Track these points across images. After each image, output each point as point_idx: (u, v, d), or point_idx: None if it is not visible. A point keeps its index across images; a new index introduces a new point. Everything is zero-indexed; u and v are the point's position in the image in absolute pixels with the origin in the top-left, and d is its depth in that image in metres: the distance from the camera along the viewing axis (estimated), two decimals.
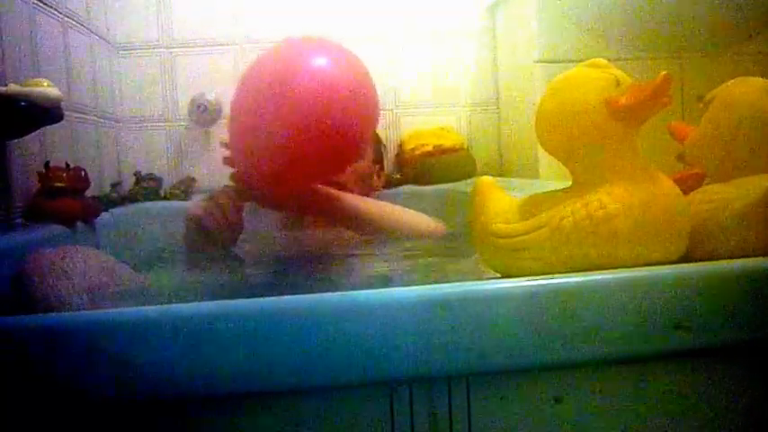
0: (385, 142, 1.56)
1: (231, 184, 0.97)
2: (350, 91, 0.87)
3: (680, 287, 0.47)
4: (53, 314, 0.53)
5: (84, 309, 0.58)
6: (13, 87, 0.78)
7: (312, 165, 0.88)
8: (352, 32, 1.56)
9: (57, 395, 0.43)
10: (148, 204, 1.41)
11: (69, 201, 0.91)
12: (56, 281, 0.59)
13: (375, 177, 1.40)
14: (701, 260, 0.51)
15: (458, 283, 0.46)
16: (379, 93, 0.92)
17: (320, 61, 0.89)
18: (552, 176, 1.26)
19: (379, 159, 1.42)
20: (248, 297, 0.45)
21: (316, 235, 1.12)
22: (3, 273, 0.63)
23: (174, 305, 0.45)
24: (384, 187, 1.50)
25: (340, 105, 0.85)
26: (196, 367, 0.43)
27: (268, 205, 1.02)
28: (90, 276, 0.61)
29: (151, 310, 0.45)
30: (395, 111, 1.68)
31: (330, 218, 1.05)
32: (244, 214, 0.99)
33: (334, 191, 1.04)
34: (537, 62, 1.34)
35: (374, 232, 1.02)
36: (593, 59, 0.55)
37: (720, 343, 0.48)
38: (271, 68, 0.90)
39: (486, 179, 0.59)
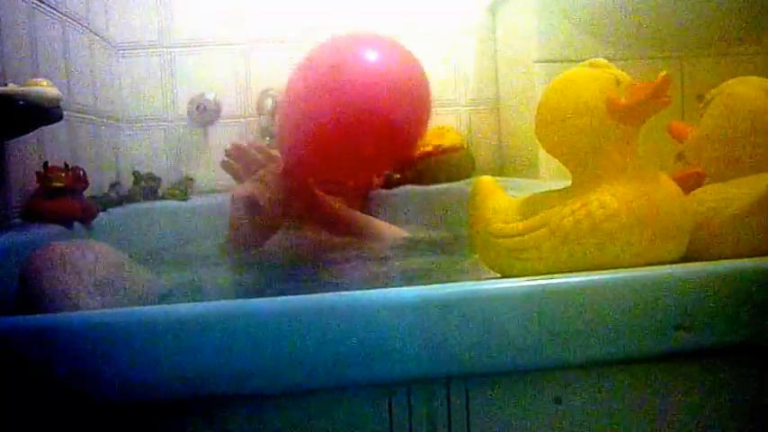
0: None
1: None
2: (404, 84, 0.89)
3: (680, 287, 0.47)
4: (53, 314, 0.53)
5: (93, 306, 0.57)
6: (12, 87, 0.77)
7: (366, 157, 0.91)
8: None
9: (56, 396, 0.43)
10: (147, 204, 1.41)
11: (68, 201, 0.91)
12: (64, 275, 0.58)
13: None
14: (701, 260, 0.51)
15: (457, 283, 0.46)
16: None
17: (375, 54, 0.91)
18: (552, 176, 1.25)
19: None
20: (252, 296, 0.45)
21: (315, 236, 1.13)
22: (1, 273, 0.63)
23: (174, 305, 0.45)
24: (384, 187, 1.49)
25: (394, 98, 0.87)
26: (195, 368, 0.43)
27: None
28: (100, 272, 0.60)
29: (151, 310, 0.45)
30: None
31: (312, 220, 1.09)
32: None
33: (322, 195, 1.06)
34: (536, 62, 1.33)
35: (347, 236, 1.07)
36: (593, 59, 0.55)
37: (721, 343, 0.48)
38: (327, 59, 0.92)
39: (486, 179, 0.58)
